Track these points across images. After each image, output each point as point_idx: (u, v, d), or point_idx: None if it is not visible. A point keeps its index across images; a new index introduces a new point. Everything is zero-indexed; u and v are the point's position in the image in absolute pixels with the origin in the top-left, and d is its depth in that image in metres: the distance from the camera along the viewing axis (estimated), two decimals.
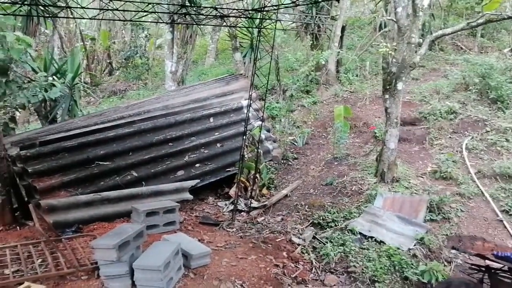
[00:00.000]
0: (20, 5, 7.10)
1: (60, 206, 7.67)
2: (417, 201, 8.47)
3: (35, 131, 10.46)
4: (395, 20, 9.09)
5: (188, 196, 8.96)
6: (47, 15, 10.55)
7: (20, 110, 10.81)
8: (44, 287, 5.46)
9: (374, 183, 9.23)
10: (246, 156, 9.31)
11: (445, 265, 6.95)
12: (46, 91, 10.03)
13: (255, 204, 9.23)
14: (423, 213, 8.17)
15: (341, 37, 16.20)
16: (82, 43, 23.57)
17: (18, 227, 8.03)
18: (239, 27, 15.41)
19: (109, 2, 7.01)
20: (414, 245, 7.41)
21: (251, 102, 9.05)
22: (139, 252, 6.02)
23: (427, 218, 8.14)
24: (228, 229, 8.18)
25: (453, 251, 7.24)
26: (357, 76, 16.45)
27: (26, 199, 8.30)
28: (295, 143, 12.50)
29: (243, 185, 9.56)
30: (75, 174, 8.39)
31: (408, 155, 10.68)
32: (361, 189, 9.23)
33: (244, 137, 8.93)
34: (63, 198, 7.93)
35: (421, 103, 13.18)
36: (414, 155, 10.73)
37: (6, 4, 7.72)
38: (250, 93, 8.93)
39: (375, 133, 11.96)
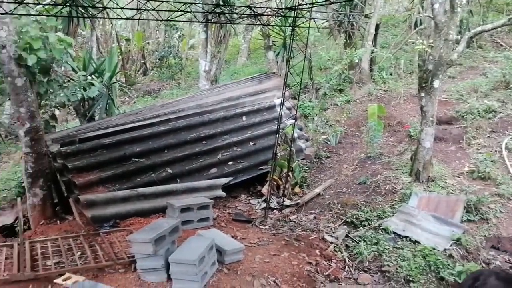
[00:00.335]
0: (62, 6, 7.36)
1: (98, 201, 7.90)
2: (454, 201, 8.28)
3: (74, 128, 10.79)
4: (432, 16, 8.92)
5: (221, 193, 9.06)
6: (87, 16, 10.88)
7: (60, 108, 11.22)
8: (84, 278, 5.63)
9: (409, 182, 9.08)
10: (278, 154, 9.33)
11: (483, 267, 6.77)
12: (85, 90, 10.37)
13: (287, 202, 9.24)
14: (460, 213, 7.98)
15: (375, 35, 15.98)
16: (117, 43, 24.14)
17: (58, 221, 8.33)
18: (273, 25, 15.45)
19: (146, 3, 7.17)
20: (450, 246, 7.25)
21: (284, 100, 9.07)
22: (175, 246, 6.15)
23: (464, 218, 7.94)
24: (260, 226, 8.23)
25: (492, 252, 7.05)
26: (391, 74, 16.19)
27: (66, 194, 8.58)
28: (328, 142, 12.43)
29: (275, 183, 9.58)
30: (112, 170, 8.62)
31: (444, 155, 10.45)
32: (395, 188, 9.10)
33: (277, 135, 8.96)
34: (101, 193, 8.16)
35: (458, 102, 12.85)
36: (450, 154, 10.49)
37: (49, 6, 8.04)
38: (283, 91, 8.95)
39: (410, 132, 11.76)
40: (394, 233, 7.71)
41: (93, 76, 11.20)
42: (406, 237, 7.57)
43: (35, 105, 8.10)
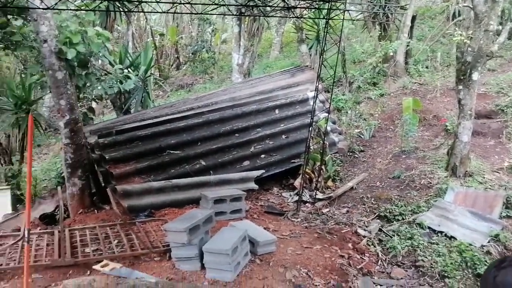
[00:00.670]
0: (100, 1, 7.54)
1: (134, 192, 8.11)
2: (492, 196, 8.06)
3: (111, 121, 11.08)
4: (471, 6, 8.66)
5: (253, 186, 9.11)
6: (124, 10, 11.13)
7: (97, 101, 11.53)
8: (121, 265, 5.80)
9: (445, 177, 8.88)
10: (311, 147, 9.30)
11: None
12: (121, 83, 10.60)
13: (320, 195, 9.21)
14: (498, 209, 7.76)
15: (411, 28, 15.63)
16: (151, 38, 24.51)
17: (96, 210, 8.58)
18: (306, 18, 15.35)
19: None
20: (488, 242, 7.05)
21: (317, 93, 9.02)
22: (208, 236, 6.23)
23: (503, 214, 7.71)
24: (293, 219, 8.23)
25: None
26: (427, 67, 15.82)
27: (103, 184, 8.82)
28: (361, 135, 12.30)
29: (308, 176, 9.56)
30: (148, 162, 8.82)
31: (482, 150, 10.17)
32: (431, 183, 8.92)
33: (310, 128, 8.92)
34: (137, 184, 8.36)
35: (498, 95, 12.45)
36: (489, 149, 10.20)
37: (87, 1, 8.27)
38: (317, 84, 8.91)
39: (446, 126, 11.48)
40: (429, 228, 7.57)
41: (129, 69, 11.44)
42: (441, 232, 7.42)
43: (74, 97, 8.34)
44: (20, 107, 10.89)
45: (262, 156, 9.98)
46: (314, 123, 9.29)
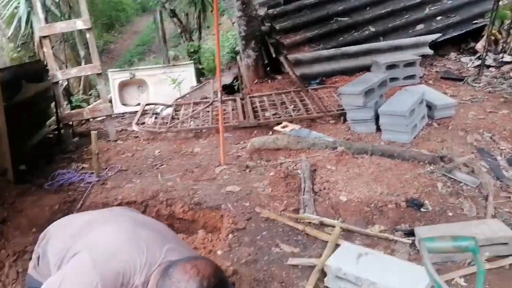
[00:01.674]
0: None
1: (305, 60, 8.29)
2: None
3: None
4: None
5: (428, 51, 8.49)
6: None
7: None
8: (300, 127, 6.22)
9: None
10: (500, 3, 8.09)
11: None
12: None
13: (507, 58, 8.20)
14: None
15: None
16: None
17: (269, 80, 9.09)
18: None
19: None
20: None
21: None
22: (382, 100, 6.19)
23: None
24: (474, 84, 7.57)
25: None
26: None
27: (274, 55, 9.17)
28: None
29: (493, 38, 8.50)
30: (316, 30, 8.79)
31: None
32: None
33: None
34: (307, 53, 8.51)
35: None
36: None
37: None
38: None
39: None
40: None
41: None
42: None
43: None
44: None
45: (438, 18, 9.08)
46: None
